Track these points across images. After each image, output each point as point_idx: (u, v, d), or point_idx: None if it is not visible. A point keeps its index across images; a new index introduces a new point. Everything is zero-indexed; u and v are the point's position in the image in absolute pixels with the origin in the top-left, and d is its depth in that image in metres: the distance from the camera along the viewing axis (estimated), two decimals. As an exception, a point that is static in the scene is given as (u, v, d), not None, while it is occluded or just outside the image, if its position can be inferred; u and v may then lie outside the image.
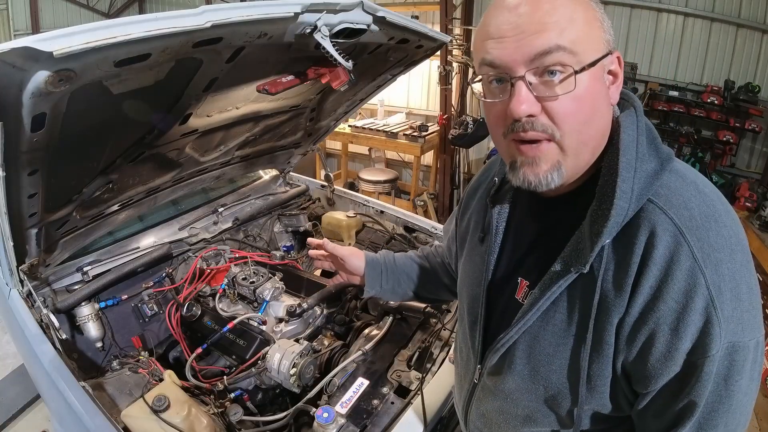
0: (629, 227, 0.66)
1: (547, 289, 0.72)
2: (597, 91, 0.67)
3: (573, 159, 0.69)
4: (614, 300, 0.67)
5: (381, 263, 1.28)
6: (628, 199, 0.65)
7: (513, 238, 0.86)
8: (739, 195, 4.29)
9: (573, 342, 0.72)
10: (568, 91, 0.63)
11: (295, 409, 1.32)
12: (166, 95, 1.22)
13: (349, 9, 1.15)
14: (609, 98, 0.70)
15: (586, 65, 0.64)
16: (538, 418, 0.82)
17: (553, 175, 0.69)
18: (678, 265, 0.62)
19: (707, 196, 0.67)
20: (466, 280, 0.95)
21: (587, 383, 0.72)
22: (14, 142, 0.95)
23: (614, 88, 0.70)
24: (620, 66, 0.70)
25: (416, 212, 4.81)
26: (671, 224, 0.63)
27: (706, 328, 0.62)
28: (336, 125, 2.30)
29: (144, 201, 1.77)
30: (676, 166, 0.70)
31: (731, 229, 0.65)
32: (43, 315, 1.37)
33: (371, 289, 1.27)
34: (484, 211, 0.92)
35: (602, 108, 0.69)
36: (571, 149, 0.68)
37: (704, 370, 0.63)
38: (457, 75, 4.97)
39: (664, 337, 0.64)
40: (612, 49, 0.68)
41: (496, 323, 0.86)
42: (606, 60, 0.67)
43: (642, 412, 0.72)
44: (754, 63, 4.28)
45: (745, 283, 0.64)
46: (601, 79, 0.67)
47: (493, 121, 0.72)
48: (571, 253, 0.70)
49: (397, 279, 1.27)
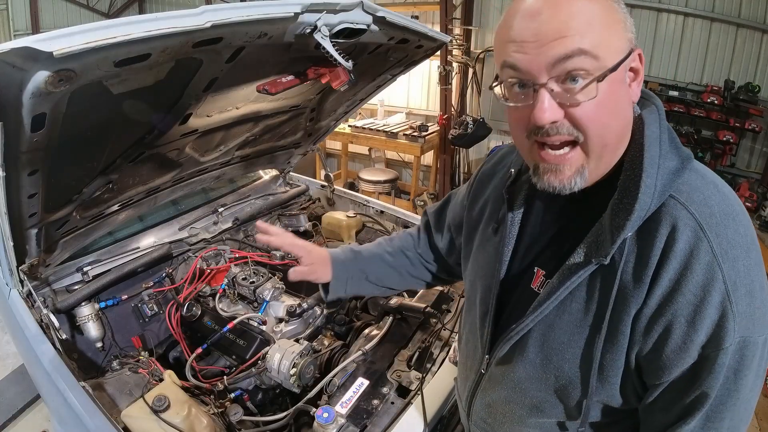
0: (651, 221, 0.67)
1: (567, 279, 0.72)
2: (618, 94, 0.67)
3: (595, 161, 0.70)
4: (633, 291, 0.68)
5: (347, 274, 1.21)
6: (651, 194, 0.66)
7: (530, 229, 0.86)
8: (739, 195, 4.27)
9: (588, 332, 0.73)
10: (590, 97, 0.64)
11: (295, 409, 1.33)
12: (166, 95, 1.22)
13: (349, 9, 1.15)
14: (630, 96, 0.71)
15: (608, 70, 0.64)
16: (546, 408, 0.83)
17: (577, 179, 0.70)
18: (697, 260, 0.64)
19: (726, 195, 0.69)
20: (479, 270, 0.94)
21: (599, 374, 0.73)
22: (14, 142, 0.94)
23: (635, 85, 0.71)
24: (641, 62, 0.70)
25: (416, 212, 4.81)
26: (692, 220, 0.65)
27: (721, 322, 0.63)
28: (336, 125, 2.30)
29: (144, 201, 1.77)
30: (696, 166, 0.71)
31: (747, 228, 0.67)
32: (43, 315, 1.37)
33: (334, 295, 1.23)
34: (499, 202, 0.91)
35: (623, 108, 0.70)
36: (595, 153, 0.69)
37: (717, 362, 0.65)
38: (457, 75, 4.97)
39: (680, 329, 0.65)
40: (634, 47, 0.68)
41: (509, 313, 0.86)
42: (628, 59, 0.67)
43: (651, 405, 0.73)
44: (754, 63, 4.27)
45: (758, 280, 0.66)
46: (623, 80, 0.68)
47: (515, 124, 0.72)
48: (591, 245, 0.71)
49: (361, 286, 1.23)
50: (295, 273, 1.18)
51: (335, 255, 1.23)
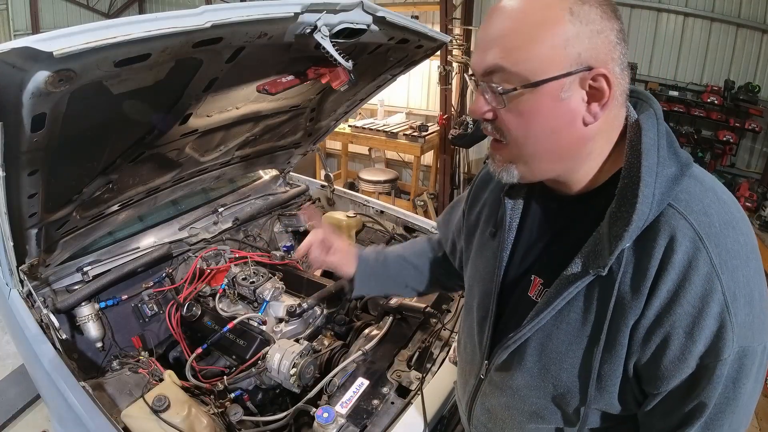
0: (649, 231, 0.66)
1: (564, 289, 0.72)
2: (548, 109, 0.66)
3: (524, 166, 0.73)
4: (631, 302, 0.67)
5: (369, 273, 1.23)
6: (649, 204, 0.65)
7: (527, 234, 0.86)
8: (739, 195, 4.27)
9: (586, 342, 0.73)
10: (500, 106, 0.68)
11: (295, 409, 1.33)
12: (166, 95, 1.22)
13: (349, 9, 1.15)
14: (575, 115, 0.67)
15: (524, 86, 0.65)
16: (545, 414, 0.83)
17: (504, 173, 0.75)
18: (696, 271, 0.63)
19: (725, 203, 0.68)
20: (477, 275, 0.94)
21: (597, 383, 0.72)
22: (14, 142, 0.94)
23: (596, 106, 0.66)
24: (608, 83, 0.64)
25: (416, 212, 4.81)
26: (691, 230, 0.64)
27: (720, 333, 0.63)
28: (336, 125, 2.30)
29: (144, 201, 1.77)
30: (695, 171, 0.70)
31: (747, 236, 0.66)
32: (43, 315, 1.37)
33: (358, 292, 1.25)
34: (496, 206, 0.91)
35: (558, 125, 0.67)
36: (520, 158, 0.72)
37: (716, 372, 0.64)
38: (457, 75, 4.97)
39: (678, 340, 0.65)
40: (589, 67, 0.64)
41: (507, 320, 0.86)
42: (567, 78, 0.64)
43: (650, 412, 0.73)
44: (754, 63, 4.27)
45: (758, 289, 0.65)
46: (557, 98, 0.65)
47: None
48: (589, 255, 0.70)
49: (384, 284, 1.26)
50: (317, 262, 1.22)
51: (361, 251, 1.26)
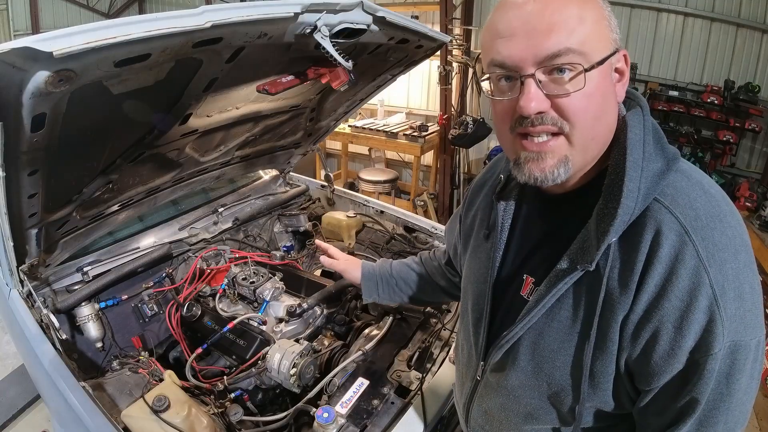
0: (635, 226, 0.66)
1: (553, 286, 0.72)
2: (606, 88, 0.68)
3: (581, 154, 0.70)
4: (619, 297, 0.67)
5: (376, 274, 1.34)
6: (634, 198, 0.65)
7: (519, 235, 0.86)
8: (739, 195, 4.28)
9: (577, 339, 0.73)
10: (578, 88, 0.64)
11: (295, 409, 1.32)
12: (166, 95, 1.22)
13: (349, 9, 1.15)
14: (616, 95, 0.71)
15: (596, 63, 0.65)
16: (541, 415, 0.83)
17: (560, 170, 0.69)
18: (683, 264, 0.63)
19: (712, 197, 0.68)
20: (471, 276, 0.95)
21: (590, 380, 0.72)
22: (14, 142, 0.94)
23: (620, 86, 0.72)
24: (627, 64, 0.71)
25: (416, 212, 4.81)
26: (677, 223, 0.64)
27: (709, 327, 0.63)
28: (336, 125, 2.30)
29: (144, 201, 1.77)
30: (682, 166, 0.70)
31: (735, 230, 0.66)
32: (43, 315, 1.37)
33: (368, 296, 1.36)
34: (489, 208, 0.92)
35: (610, 104, 0.70)
36: (580, 144, 0.68)
37: (707, 367, 0.64)
38: (457, 75, 4.97)
39: (667, 334, 0.65)
40: (619, 47, 0.69)
41: (501, 320, 0.86)
42: (613, 58, 0.68)
43: (644, 409, 0.73)
44: (754, 63, 4.27)
45: (748, 283, 0.65)
46: (609, 76, 0.69)
47: (499, 117, 0.72)
48: (577, 251, 0.70)
49: (392, 288, 1.33)
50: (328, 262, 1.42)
51: (367, 262, 1.39)
